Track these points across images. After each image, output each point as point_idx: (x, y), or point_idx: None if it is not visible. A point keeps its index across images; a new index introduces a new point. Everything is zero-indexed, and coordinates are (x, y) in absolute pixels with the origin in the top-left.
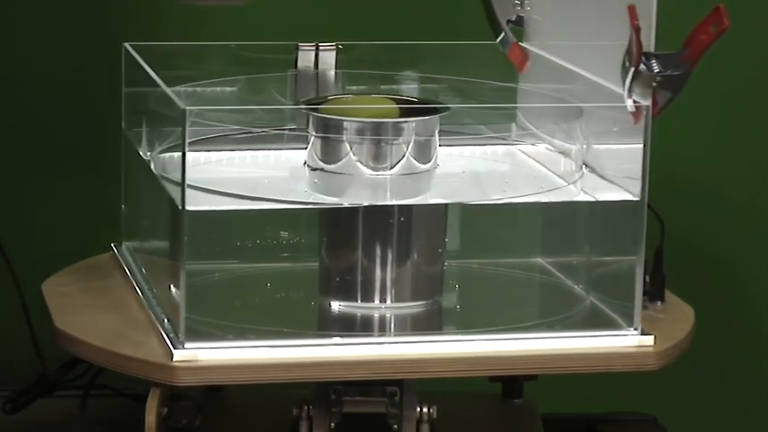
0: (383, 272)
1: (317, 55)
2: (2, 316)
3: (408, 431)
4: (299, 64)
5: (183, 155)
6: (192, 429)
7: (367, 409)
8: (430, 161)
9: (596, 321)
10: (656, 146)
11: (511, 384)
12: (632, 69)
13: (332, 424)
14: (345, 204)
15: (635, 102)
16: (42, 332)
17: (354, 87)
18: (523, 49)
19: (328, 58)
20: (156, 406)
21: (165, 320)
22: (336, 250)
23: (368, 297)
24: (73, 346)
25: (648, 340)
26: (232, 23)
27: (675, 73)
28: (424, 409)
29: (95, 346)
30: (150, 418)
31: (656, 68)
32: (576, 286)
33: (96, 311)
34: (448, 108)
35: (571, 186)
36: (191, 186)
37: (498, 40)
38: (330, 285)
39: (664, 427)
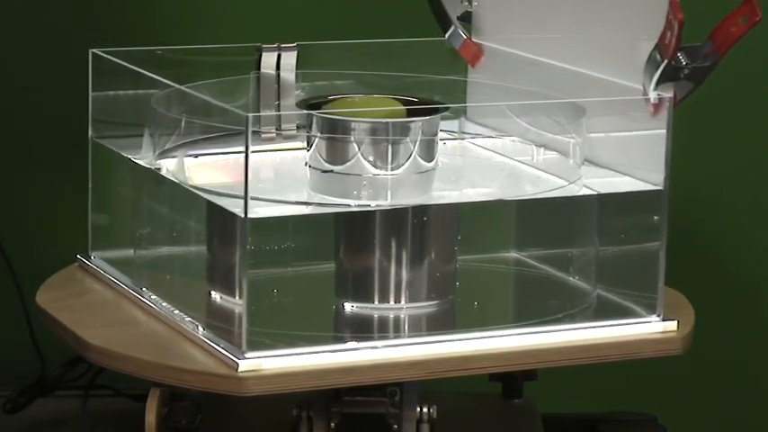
0: (403, 272)
1: (279, 56)
2: (2, 316)
3: (408, 431)
4: (262, 66)
5: (246, 161)
6: (192, 429)
7: (367, 409)
8: (433, 159)
9: (611, 311)
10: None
11: (511, 384)
12: (665, 62)
13: (332, 424)
14: (405, 204)
15: (659, 94)
16: (42, 332)
17: (307, 85)
18: (476, 44)
19: (290, 58)
20: (156, 406)
21: (201, 329)
22: (356, 252)
23: (385, 298)
24: (116, 363)
25: (672, 325)
26: (199, 27)
27: (705, 65)
28: (424, 409)
29: (146, 360)
30: (150, 418)
31: (683, 61)
32: (571, 278)
33: (117, 326)
34: (448, 107)
35: (574, 178)
36: (256, 199)
37: (447, 35)
38: (348, 287)
39: (664, 427)
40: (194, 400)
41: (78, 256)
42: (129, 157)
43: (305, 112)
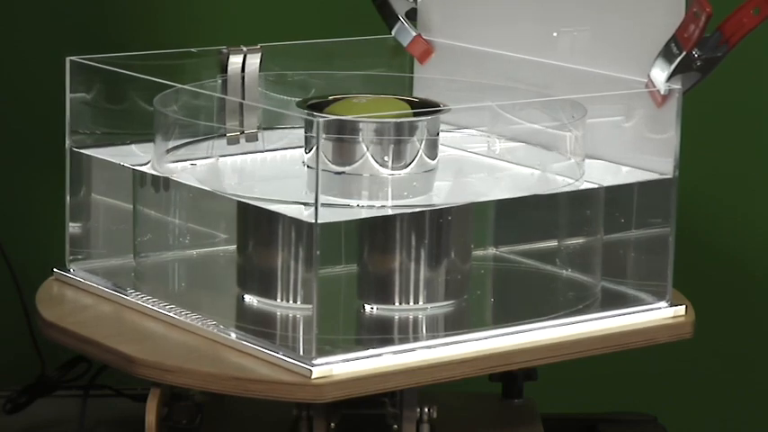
0: (427, 273)
1: (244, 58)
2: (2, 316)
3: (408, 431)
4: (229, 68)
5: (317, 165)
6: (192, 429)
7: (367, 409)
8: (436, 158)
9: (620, 301)
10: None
11: (511, 384)
12: (683, 54)
13: (332, 424)
14: (464, 201)
15: (669, 85)
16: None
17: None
18: (426, 40)
19: (255, 60)
20: (156, 406)
21: (232, 336)
22: (381, 254)
23: (406, 299)
24: (170, 376)
25: (681, 310)
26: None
27: (717, 55)
28: (425, 409)
29: (209, 372)
30: (150, 418)
31: (695, 53)
32: (564, 271)
33: (146, 339)
34: (450, 109)
35: (574, 170)
36: (326, 205)
37: (394, 32)
38: (371, 289)
39: (664, 427)
40: (194, 400)
41: (55, 269)
42: (123, 163)
43: (333, 117)
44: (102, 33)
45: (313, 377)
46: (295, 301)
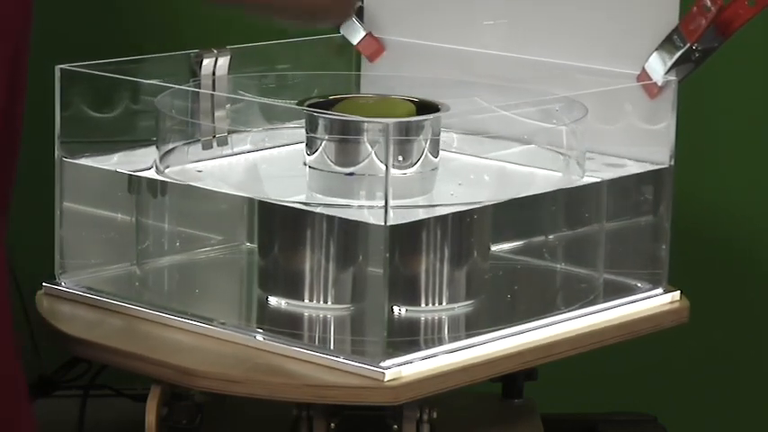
0: (453, 273)
1: (215, 61)
2: None
3: (408, 431)
4: (203, 72)
5: (387, 169)
6: (193, 429)
7: (367, 409)
8: (438, 156)
9: (621, 291)
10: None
11: (511, 384)
12: (687, 45)
13: (332, 424)
14: (519, 195)
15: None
16: (42, 332)
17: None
18: (377, 39)
19: (224, 63)
20: (156, 406)
21: (258, 338)
22: (410, 256)
23: (433, 300)
24: (236, 387)
25: (677, 295)
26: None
27: (713, 46)
28: (425, 409)
29: (282, 383)
30: (150, 418)
31: (694, 44)
32: (558, 266)
33: (184, 349)
34: (449, 109)
35: (575, 167)
36: (397, 207)
37: (342, 30)
38: (399, 291)
39: (663, 427)
40: (194, 400)
41: (45, 283)
42: (126, 171)
43: (353, 117)
44: (102, 37)
45: (386, 380)
46: (326, 302)
